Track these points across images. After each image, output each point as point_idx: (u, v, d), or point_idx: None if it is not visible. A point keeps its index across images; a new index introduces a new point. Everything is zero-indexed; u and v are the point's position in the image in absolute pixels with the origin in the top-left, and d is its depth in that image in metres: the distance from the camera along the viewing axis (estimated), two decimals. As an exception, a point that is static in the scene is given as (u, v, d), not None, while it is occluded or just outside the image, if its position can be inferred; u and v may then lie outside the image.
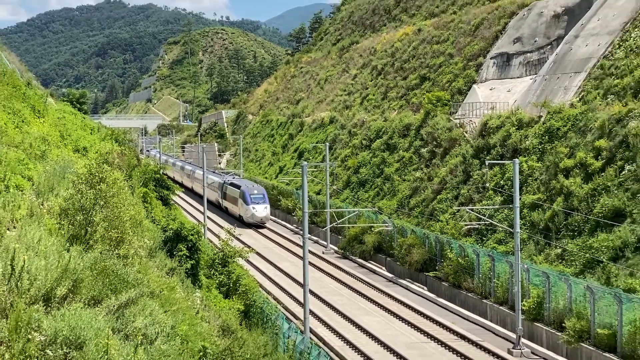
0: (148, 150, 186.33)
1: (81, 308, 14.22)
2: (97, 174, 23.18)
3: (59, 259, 15.97)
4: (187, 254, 44.32)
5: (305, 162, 54.22)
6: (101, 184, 22.79)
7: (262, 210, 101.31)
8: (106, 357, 12.41)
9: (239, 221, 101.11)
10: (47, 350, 12.59)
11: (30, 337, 12.57)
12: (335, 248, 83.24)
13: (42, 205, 23.43)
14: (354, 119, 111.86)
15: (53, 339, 12.83)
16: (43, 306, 14.16)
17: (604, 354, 44.49)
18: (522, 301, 50.39)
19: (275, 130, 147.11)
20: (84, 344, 12.94)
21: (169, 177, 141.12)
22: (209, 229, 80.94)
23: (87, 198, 22.04)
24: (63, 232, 21.00)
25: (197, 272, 45.46)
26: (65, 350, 12.77)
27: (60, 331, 12.93)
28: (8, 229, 18.97)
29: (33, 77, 75.81)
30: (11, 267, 14.18)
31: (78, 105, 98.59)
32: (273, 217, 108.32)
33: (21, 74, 64.16)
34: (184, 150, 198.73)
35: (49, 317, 13.46)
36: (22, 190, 24.40)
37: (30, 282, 14.43)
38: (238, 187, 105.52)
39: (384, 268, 73.93)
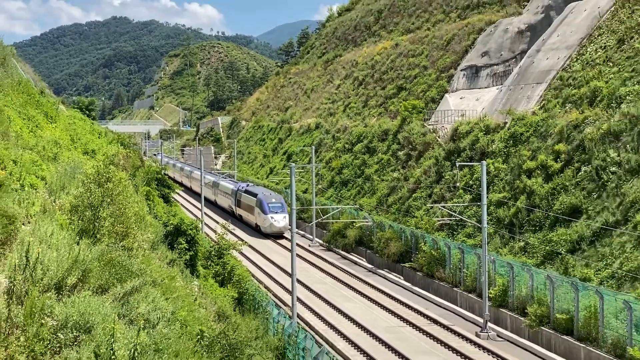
0: (156, 155, 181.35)
1: (90, 296, 14.21)
2: (104, 174, 23.14)
3: (69, 251, 15.94)
4: (186, 246, 44.32)
5: (294, 164, 54.18)
6: (108, 183, 22.75)
7: (281, 219, 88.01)
8: (112, 340, 12.38)
9: (256, 231, 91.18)
10: (59, 334, 12.57)
11: (43, 321, 12.55)
12: (320, 241, 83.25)
13: (54, 202, 23.38)
14: (338, 124, 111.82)
15: (64, 323, 12.81)
16: (55, 294, 14.14)
17: (562, 336, 44.68)
18: (488, 289, 50.50)
19: (266, 135, 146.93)
20: (92, 328, 12.93)
21: (178, 182, 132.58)
22: (205, 224, 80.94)
23: (95, 196, 22.01)
24: (73, 227, 20.96)
25: (195, 263, 45.45)
26: (75, 333, 12.75)
27: (71, 316, 12.91)
28: (23, 224, 18.93)
29: (46, 86, 75.38)
30: (26, 259, 14.16)
31: (87, 112, 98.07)
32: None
33: (35, 84, 63.83)
34: (183, 153, 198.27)
35: (61, 304, 13.44)
36: (36, 189, 24.33)
37: (43, 272, 14.40)
38: (254, 195, 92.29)
39: (364, 259, 73.96)
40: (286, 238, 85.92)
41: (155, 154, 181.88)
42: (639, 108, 54.63)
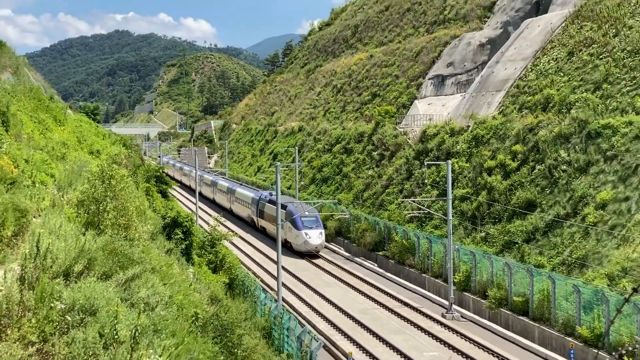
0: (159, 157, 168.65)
1: (94, 281, 14.12)
2: (107, 172, 23.01)
3: (76, 242, 15.85)
4: (182, 237, 44.19)
5: (279, 163, 54.12)
6: (111, 180, 22.63)
7: (316, 237, 69.12)
8: (115, 321, 12.32)
9: (286, 248, 68.38)
10: (67, 316, 12.49)
11: (52, 305, 12.47)
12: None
13: (63, 197, 23.24)
14: (318, 127, 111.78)
15: (71, 306, 12.73)
16: (63, 280, 14.05)
17: (518, 317, 44.92)
18: (453, 275, 50.64)
19: (254, 137, 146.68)
20: (97, 310, 12.85)
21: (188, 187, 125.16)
22: (199, 217, 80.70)
23: (99, 192, 21.89)
24: (80, 220, 20.85)
25: (190, 252, 45.31)
26: (81, 316, 12.68)
27: (78, 300, 12.83)
28: (34, 217, 18.80)
29: (55, 93, 74.89)
30: (37, 248, 14.07)
31: (92, 116, 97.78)
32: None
33: (45, 90, 63.42)
34: (179, 153, 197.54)
35: (68, 289, 13.36)
36: (46, 185, 24.19)
37: (52, 260, 14.31)
38: (283, 207, 68.20)
39: (342, 248, 73.95)
40: (322, 257, 69.90)
41: (160, 155, 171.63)
42: (587, 113, 54.95)
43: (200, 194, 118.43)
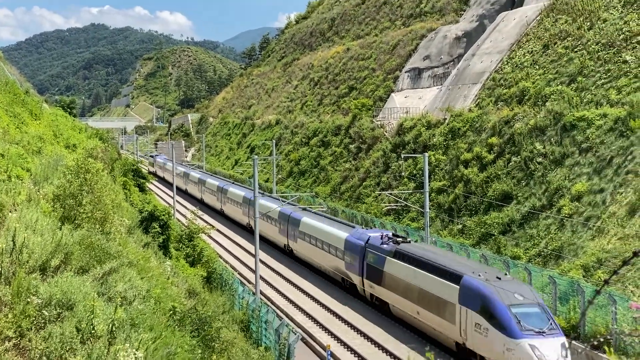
0: (152, 157, 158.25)
1: (71, 276, 14.06)
2: (83, 166, 22.87)
3: (52, 236, 15.76)
4: (159, 231, 44.07)
5: (256, 156, 54.05)
6: (87, 174, 22.49)
7: (553, 351, 30.55)
8: (92, 315, 12.27)
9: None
10: (44, 311, 12.42)
11: (29, 300, 12.40)
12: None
13: (39, 191, 23.07)
14: (296, 121, 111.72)
15: (48, 301, 12.66)
16: (40, 275, 13.98)
17: (495, 308, 45.01)
18: (430, 267, 50.67)
19: (232, 130, 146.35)
20: (74, 305, 12.80)
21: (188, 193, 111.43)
22: (177, 211, 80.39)
23: (75, 186, 21.76)
24: (56, 214, 20.72)
25: (167, 245, 45.20)
26: (58, 310, 12.62)
27: (54, 295, 12.77)
28: (10, 212, 18.65)
29: (31, 87, 74.27)
30: (13, 243, 13.98)
31: (68, 110, 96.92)
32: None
33: (20, 84, 62.89)
34: (156, 146, 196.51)
35: (45, 284, 13.28)
36: (21, 180, 23.99)
37: (29, 255, 14.23)
38: (454, 275, 36.14)
39: (320, 241, 73.89)
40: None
41: (153, 155, 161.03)
42: (562, 106, 55.32)
43: (201, 200, 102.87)
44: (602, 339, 33.30)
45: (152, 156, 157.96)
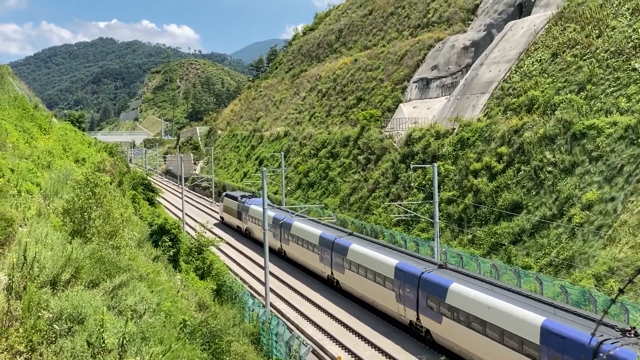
0: (244, 202, 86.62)
1: (82, 290, 14.10)
2: (92, 180, 22.96)
3: (63, 250, 15.81)
4: (169, 244, 44.11)
5: (265, 168, 54.09)
6: (96, 188, 22.58)
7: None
8: (102, 329, 12.31)
9: None
10: (54, 325, 12.46)
11: (40, 314, 12.44)
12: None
13: (48, 206, 23.16)
14: (304, 132, 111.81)
15: (59, 315, 12.70)
16: (50, 289, 14.03)
17: (506, 318, 44.79)
18: (441, 277, 50.51)
19: (240, 143, 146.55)
20: (85, 319, 12.83)
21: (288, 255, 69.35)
22: (186, 223, 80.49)
23: (84, 200, 21.84)
24: (66, 228, 20.79)
25: (177, 258, 45.23)
26: (69, 324, 12.65)
27: (65, 309, 12.80)
28: (20, 226, 18.73)
29: (39, 101, 74.58)
30: (24, 258, 14.03)
31: (77, 124, 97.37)
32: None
33: (29, 99, 63.20)
34: (165, 159, 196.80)
35: (56, 298, 13.32)
36: (31, 194, 24.10)
37: (39, 269, 14.28)
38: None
39: (329, 253, 73.82)
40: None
41: (238, 197, 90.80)
42: (571, 114, 55.23)
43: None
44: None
45: (232, 197, 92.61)
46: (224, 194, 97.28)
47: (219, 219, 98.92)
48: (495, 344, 34.09)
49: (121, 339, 12.32)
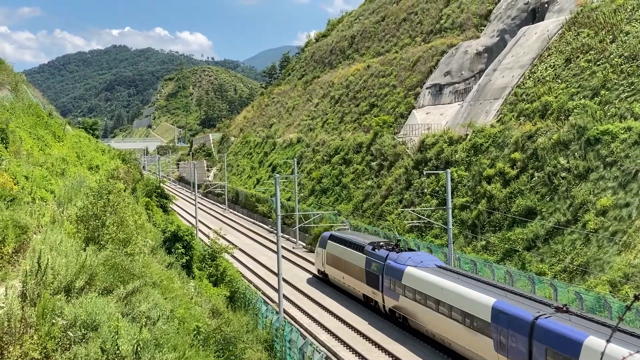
0: (383, 257, 51.46)
1: (96, 297, 14.14)
2: (105, 187, 23.07)
3: (77, 257, 15.87)
4: (183, 251, 44.20)
5: (278, 175, 54.13)
6: (110, 194, 22.67)
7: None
8: (117, 336, 12.34)
9: None
10: (69, 332, 12.50)
11: (54, 321, 12.49)
12: (303, 244, 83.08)
13: (63, 213, 23.25)
14: (317, 139, 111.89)
15: (73, 322, 12.74)
16: (64, 296, 14.07)
17: (521, 325, 44.64)
18: (455, 284, 50.40)
19: (253, 149, 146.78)
20: (99, 326, 12.87)
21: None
22: (199, 230, 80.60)
23: (98, 207, 21.94)
24: (80, 235, 20.87)
25: (191, 265, 45.31)
26: (83, 331, 12.69)
27: (79, 316, 12.85)
28: (35, 233, 18.81)
29: (53, 109, 74.95)
30: (38, 265, 14.09)
31: (91, 131, 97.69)
32: (252, 220, 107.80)
33: (44, 107, 63.49)
34: (178, 167, 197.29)
35: (70, 305, 13.37)
36: (45, 201, 24.21)
37: (53, 276, 14.34)
38: None
39: (343, 259, 73.73)
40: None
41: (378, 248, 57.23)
42: (585, 120, 55.03)
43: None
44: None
45: (349, 244, 58.08)
46: (327, 234, 62.36)
47: (317, 272, 64.42)
48: None
49: (135, 345, 12.36)
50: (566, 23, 69.96)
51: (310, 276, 66.01)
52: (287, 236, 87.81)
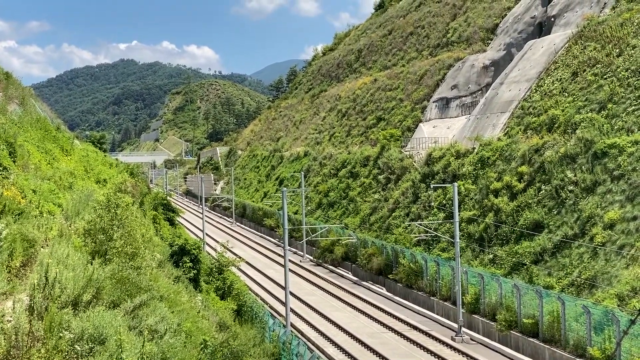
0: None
1: (103, 310, 14.16)
2: (113, 201, 23.12)
3: (84, 271, 15.90)
4: (190, 264, 44.20)
5: (285, 188, 54.20)
6: (117, 208, 22.72)
7: None
8: (120, 350, 12.36)
9: None
10: (76, 346, 12.52)
11: (61, 335, 12.51)
12: (310, 257, 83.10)
13: (70, 226, 23.31)
14: (324, 152, 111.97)
15: (80, 336, 12.76)
16: (72, 309, 14.10)
17: (528, 339, 44.67)
18: (462, 297, 50.46)
19: (260, 163, 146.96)
20: (106, 339, 12.89)
21: None
22: (206, 243, 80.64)
23: (105, 221, 21.99)
24: (87, 249, 20.92)
25: (198, 279, 45.30)
26: (90, 345, 12.71)
27: (86, 330, 12.87)
28: (42, 247, 18.86)
29: (61, 123, 75.07)
30: (45, 278, 14.13)
31: (99, 145, 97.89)
32: (259, 233, 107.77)
33: (51, 120, 63.69)
34: (186, 180, 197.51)
35: (77, 319, 13.39)
36: (53, 215, 24.27)
37: (61, 290, 14.36)
38: None
39: (350, 273, 73.82)
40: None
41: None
42: (592, 133, 54.96)
43: None
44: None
45: None
46: None
47: None
48: None
49: (139, 359, 12.36)
50: (573, 37, 69.97)
51: (317, 289, 65.97)
52: (294, 250, 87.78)
